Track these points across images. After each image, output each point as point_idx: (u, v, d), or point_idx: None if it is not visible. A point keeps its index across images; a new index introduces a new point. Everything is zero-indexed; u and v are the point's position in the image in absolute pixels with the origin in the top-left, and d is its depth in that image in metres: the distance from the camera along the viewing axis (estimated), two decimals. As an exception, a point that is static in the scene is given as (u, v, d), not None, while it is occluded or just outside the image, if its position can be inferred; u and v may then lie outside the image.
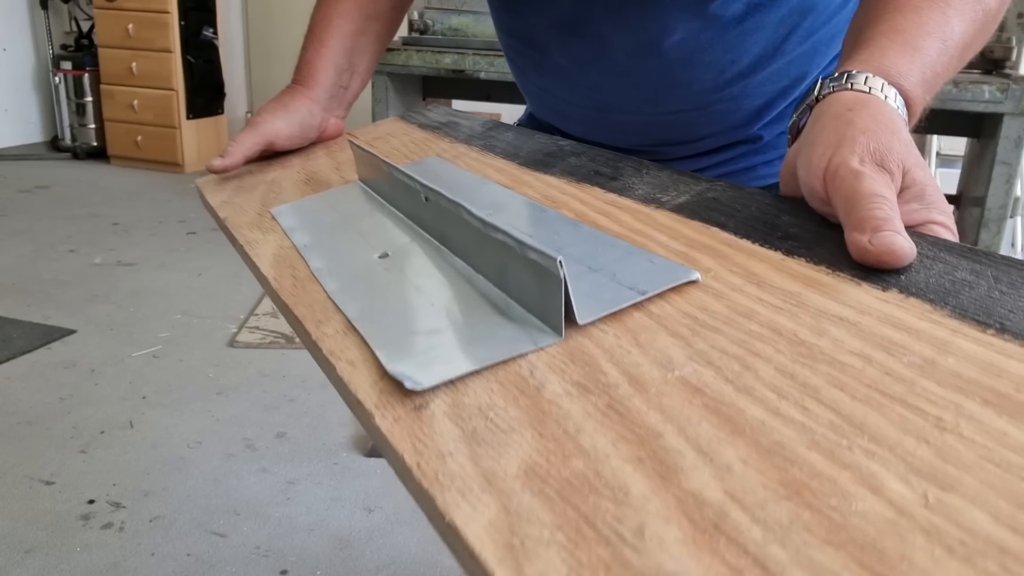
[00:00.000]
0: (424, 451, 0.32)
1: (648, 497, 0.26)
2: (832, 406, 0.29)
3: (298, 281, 0.51)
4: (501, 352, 0.36)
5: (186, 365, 2.14)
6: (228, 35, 4.77)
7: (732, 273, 0.42)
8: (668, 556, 0.24)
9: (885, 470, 0.26)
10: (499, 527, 0.26)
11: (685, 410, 0.30)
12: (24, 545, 1.40)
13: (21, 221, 3.44)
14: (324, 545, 1.44)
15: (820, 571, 0.22)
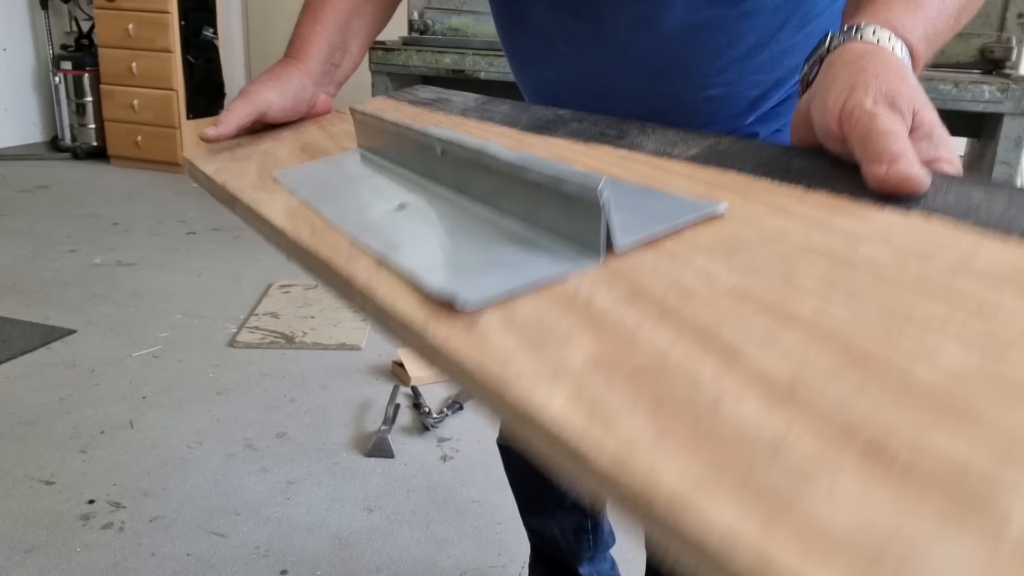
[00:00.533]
0: (484, 357, 0.31)
1: (717, 378, 0.27)
2: (877, 303, 0.31)
3: (316, 230, 0.50)
4: (543, 273, 0.37)
5: (186, 365, 2.14)
6: (228, 35, 4.77)
7: (757, 205, 0.44)
8: (749, 422, 0.25)
9: (940, 344, 0.28)
10: (577, 404, 0.27)
11: (737, 311, 0.32)
12: (24, 545, 1.40)
13: (21, 221, 3.44)
14: (324, 545, 1.44)
15: (896, 425, 0.24)
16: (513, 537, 1.48)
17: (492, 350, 0.32)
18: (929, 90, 2.36)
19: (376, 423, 1.86)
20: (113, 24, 4.42)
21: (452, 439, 1.83)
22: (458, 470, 1.70)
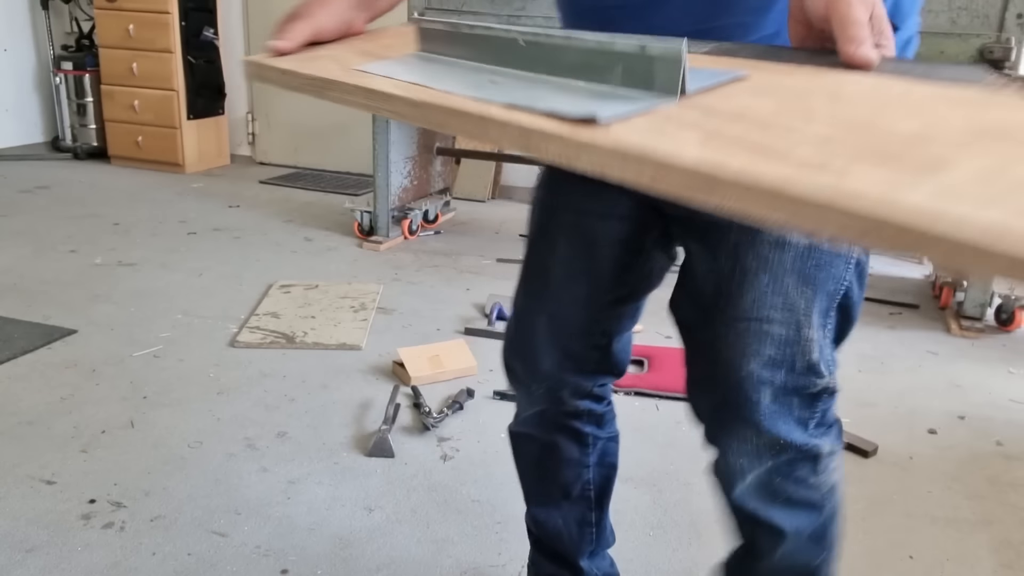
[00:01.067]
0: (624, 144, 0.48)
1: (797, 136, 0.48)
2: (860, 109, 0.54)
3: (434, 95, 0.61)
4: (643, 105, 0.53)
5: (187, 365, 2.14)
6: (229, 35, 4.78)
7: (764, 74, 0.63)
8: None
9: (896, 116, 0.52)
10: (711, 149, 0.46)
11: (779, 116, 0.52)
12: (25, 544, 1.41)
13: (22, 221, 3.44)
14: (324, 545, 1.44)
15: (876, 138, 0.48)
16: (513, 537, 1.48)
17: (627, 141, 0.47)
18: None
19: (376, 423, 1.87)
20: (114, 24, 4.42)
21: (452, 439, 1.83)
22: (458, 470, 1.70)
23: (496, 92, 0.60)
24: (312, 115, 4.79)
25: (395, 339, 2.36)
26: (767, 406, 0.87)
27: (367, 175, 4.58)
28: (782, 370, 0.86)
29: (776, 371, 0.86)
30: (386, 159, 3.25)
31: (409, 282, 2.90)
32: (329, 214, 3.82)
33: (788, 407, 0.88)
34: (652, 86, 0.56)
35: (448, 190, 3.95)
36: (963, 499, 1.67)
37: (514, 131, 0.54)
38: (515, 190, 4.42)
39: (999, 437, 1.95)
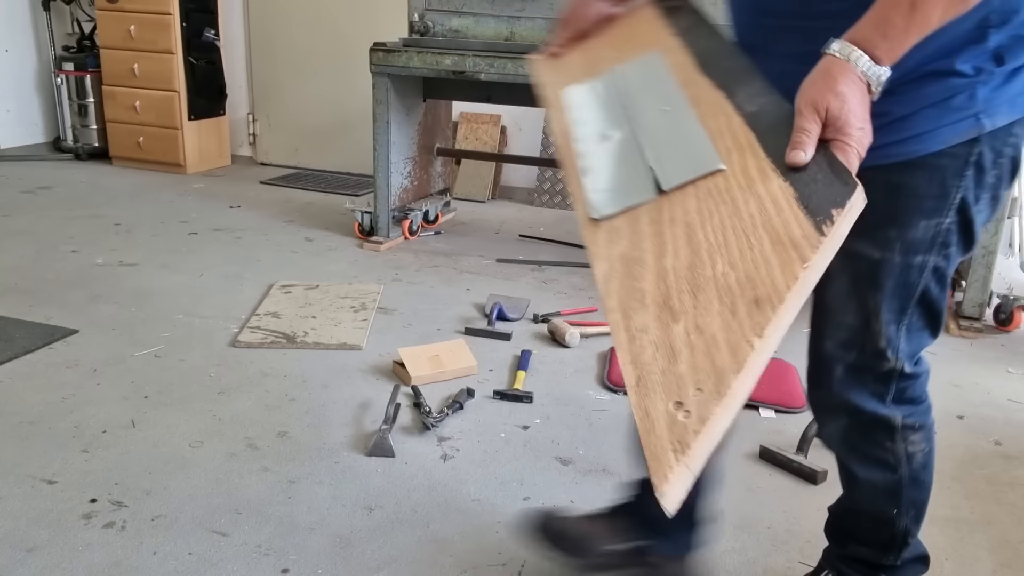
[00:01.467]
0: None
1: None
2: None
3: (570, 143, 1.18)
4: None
5: (188, 365, 2.15)
6: (230, 36, 4.78)
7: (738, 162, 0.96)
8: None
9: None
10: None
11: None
12: (26, 544, 1.41)
13: (23, 222, 3.45)
14: (325, 544, 1.45)
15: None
16: (513, 536, 1.49)
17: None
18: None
19: (377, 423, 1.87)
20: (115, 25, 4.43)
21: (452, 438, 1.83)
22: (458, 469, 1.71)
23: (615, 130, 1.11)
24: (313, 116, 4.79)
25: (395, 339, 2.37)
26: (839, 377, 1.11)
27: (367, 175, 4.59)
28: (854, 351, 1.09)
29: (848, 351, 1.09)
30: (386, 160, 3.26)
31: (409, 282, 2.91)
32: (330, 214, 3.83)
33: (861, 381, 1.10)
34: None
35: (448, 190, 3.95)
36: (962, 499, 1.68)
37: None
38: (515, 191, 4.42)
39: (998, 437, 1.95)
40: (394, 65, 3.09)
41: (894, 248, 1.02)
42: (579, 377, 2.19)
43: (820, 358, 1.14)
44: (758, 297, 0.83)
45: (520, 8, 3.31)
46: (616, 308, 0.92)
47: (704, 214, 0.93)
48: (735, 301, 0.85)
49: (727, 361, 0.80)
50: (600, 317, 2.64)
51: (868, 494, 1.19)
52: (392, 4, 4.35)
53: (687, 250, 0.92)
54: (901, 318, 1.06)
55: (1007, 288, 2.72)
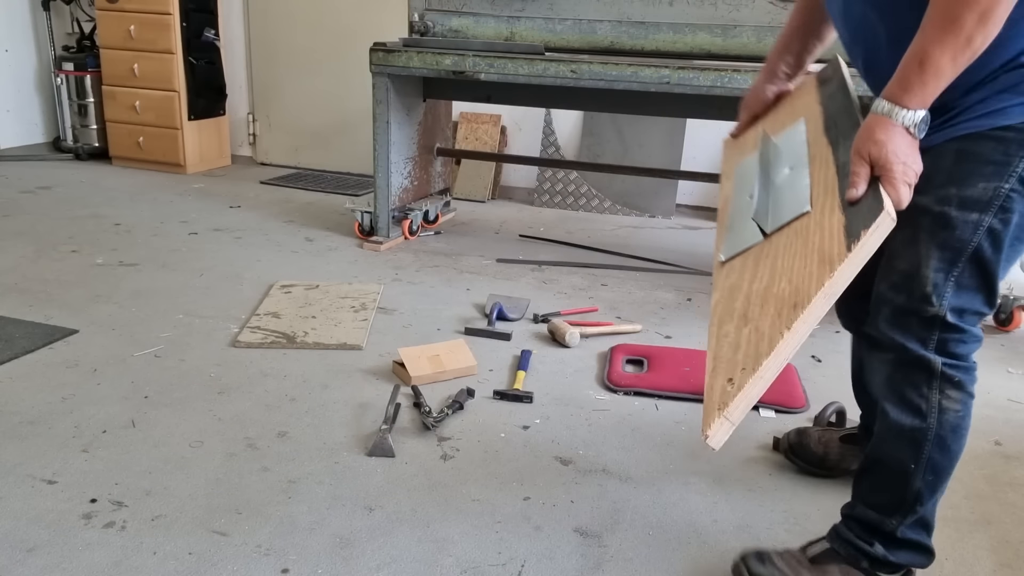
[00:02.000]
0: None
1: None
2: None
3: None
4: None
5: (188, 365, 2.15)
6: (230, 36, 4.78)
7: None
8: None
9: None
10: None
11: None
12: (26, 544, 1.41)
13: (23, 222, 3.45)
14: (325, 544, 1.45)
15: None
16: (513, 536, 1.49)
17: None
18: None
19: (377, 423, 1.87)
20: (115, 25, 4.43)
21: (452, 438, 1.83)
22: (458, 469, 1.71)
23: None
24: (313, 116, 4.79)
25: (395, 339, 2.37)
26: (887, 316, 1.24)
27: (367, 175, 4.59)
28: (903, 294, 1.21)
29: (898, 294, 1.22)
30: (386, 160, 3.26)
31: (409, 282, 2.91)
32: (330, 214, 3.83)
33: (908, 324, 1.22)
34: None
35: (448, 190, 3.95)
36: (962, 498, 1.68)
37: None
38: (515, 190, 4.42)
39: (998, 437, 1.95)
40: (394, 65, 3.09)
41: (951, 203, 1.16)
42: (579, 377, 2.19)
43: (875, 299, 1.26)
44: (797, 302, 1.11)
45: (520, 8, 3.31)
46: (715, 322, 1.26)
47: (787, 246, 1.22)
48: (783, 306, 1.13)
49: (764, 347, 1.10)
50: (600, 317, 2.64)
51: (893, 438, 1.27)
52: (392, 4, 4.35)
53: (768, 274, 1.21)
54: (951, 269, 1.18)
55: (1007, 288, 2.71)
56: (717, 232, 1.50)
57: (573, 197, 4.23)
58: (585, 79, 2.87)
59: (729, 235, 1.42)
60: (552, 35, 3.29)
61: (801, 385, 2.14)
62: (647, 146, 4.11)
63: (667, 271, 3.18)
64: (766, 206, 1.34)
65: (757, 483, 1.71)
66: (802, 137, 1.39)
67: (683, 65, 2.77)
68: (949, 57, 1.05)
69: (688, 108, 3.13)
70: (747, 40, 3.08)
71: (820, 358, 2.35)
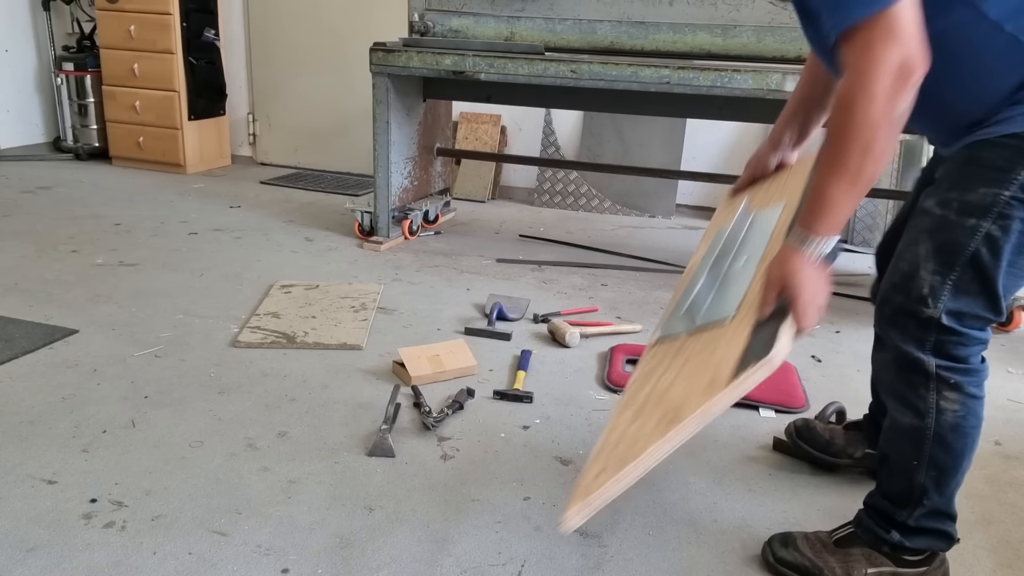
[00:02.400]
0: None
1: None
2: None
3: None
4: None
5: (188, 365, 2.15)
6: (230, 36, 4.78)
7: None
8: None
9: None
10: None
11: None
12: (26, 544, 1.41)
13: (23, 222, 3.45)
14: (325, 544, 1.45)
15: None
16: (513, 536, 1.49)
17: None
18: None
19: (377, 423, 1.87)
20: (115, 25, 4.43)
21: (452, 438, 1.83)
22: (458, 469, 1.71)
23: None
24: (312, 116, 4.79)
25: (395, 339, 2.37)
26: (888, 316, 1.26)
27: (367, 175, 4.59)
28: (901, 294, 1.23)
29: (897, 293, 1.24)
30: (386, 160, 3.26)
31: (409, 282, 2.91)
32: (330, 214, 3.83)
33: (905, 324, 1.24)
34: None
35: (448, 190, 3.95)
36: (962, 498, 1.68)
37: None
38: (515, 190, 4.42)
39: (998, 437, 1.95)
40: (394, 65, 3.09)
41: (952, 207, 1.19)
42: (579, 377, 2.19)
43: (879, 297, 1.30)
44: (675, 416, 1.16)
45: (520, 8, 3.31)
46: (623, 401, 1.33)
47: (697, 350, 1.29)
48: (666, 415, 1.18)
49: (635, 451, 1.16)
50: (600, 317, 2.64)
51: (896, 435, 1.31)
52: (392, 4, 4.35)
53: (675, 374, 1.27)
54: (948, 272, 1.19)
55: (1007, 288, 2.71)
56: (674, 294, 1.58)
57: (573, 197, 4.23)
58: (585, 79, 2.87)
59: (673, 312, 1.50)
60: (552, 35, 3.29)
61: (801, 385, 2.14)
62: (647, 146, 4.11)
63: (667, 271, 3.18)
64: (706, 297, 1.42)
65: (757, 483, 1.71)
66: (770, 226, 1.42)
67: (683, 65, 2.77)
68: (844, 189, 1.13)
69: (688, 108, 3.13)
70: (747, 40, 3.08)
71: (820, 358, 2.35)
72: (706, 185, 4.11)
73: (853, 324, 2.66)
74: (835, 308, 2.82)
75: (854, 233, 3.78)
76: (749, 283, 1.32)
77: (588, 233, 3.73)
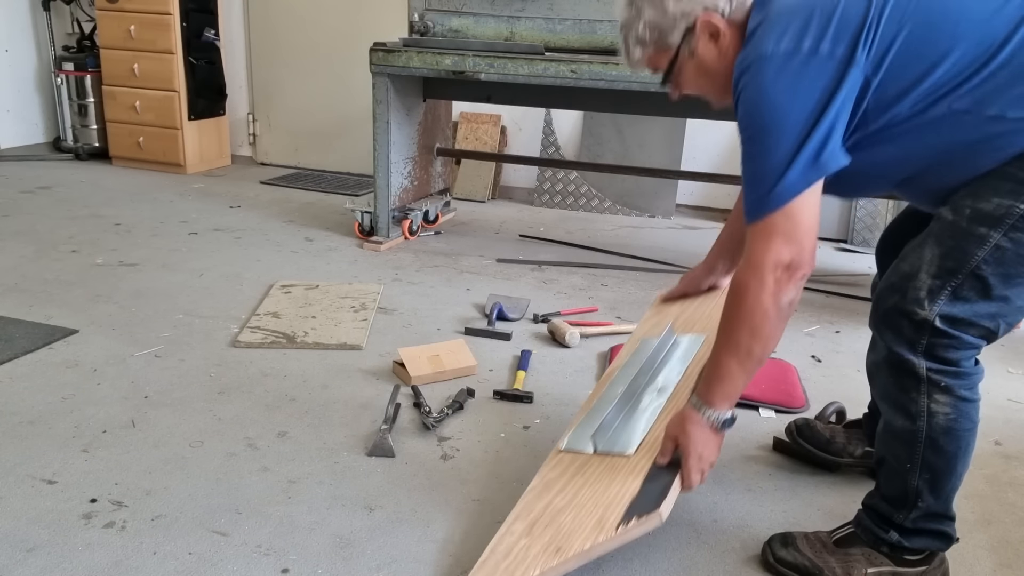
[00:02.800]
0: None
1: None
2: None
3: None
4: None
5: (188, 365, 2.15)
6: (230, 36, 4.78)
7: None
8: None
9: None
10: None
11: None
12: (26, 544, 1.41)
13: (23, 222, 3.45)
14: (325, 544, 1.45)
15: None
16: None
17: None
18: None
19: (377, 423, 1.87)
20: (115, 25, 4.43)
21: (452, 438, 1.83)
22: (458, 469, 1.71)
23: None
24: (312, 116, 4.80)
25: (395, 339, 2.37)
26: (882, 316, 1.26)
27: (367, 175, 4.59)
28: (896, 295, 1.23)
29: (893, 294, 1.24)
30: (386, 160, 3.26)
31: (409, 282, 2.91)
32: (330, 214, 3.83)
33: (899, 325, 1.23)
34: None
35: (448, 190, 3.95)
36: (962, 498, 1.68)
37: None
38: (515, 190, 4.42)
39: (997, 437, 1.95)
40: (394, 65, 3.09)
41: (964, 214, 1.18)
42: (579, 377, 2.19)
43: (875, 297, 1.30)
44: (561, 547, 1.25)
45: (520, 8, 3.31)
46: (516, 511, 1.39)
47: (596, 477, 1.37)
48: (553, 542, 1.27)
49: (518, 574, 1.24)
50: (600, 317, 2.64)
51: (889, 437, 1.32)
52: (392, 4, 4.35)
53: (572, 496, 1.35)
54: (949, 278, 1.19)
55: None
56: (583, 405, 1.64)
57: (573, 197, 4.23)
58: (585, 79, 2.87)
59: (582, 424, 1.55)
60: (552, 35, 3.29)
61: (801, 385, 2.14)
62: (647, 146, 4.11)
63: (667, 271, 3.18)
64: (613, 422, 1.50)
65: (757, 483, 1.71)
66: (691, 356, 1.56)
67: (683, 65, 2.77)
68: (736, 365, 1.25)
69: (688, 108, 3.12)
70: (747, 40, 3.08)
71: (820, 358, 2.35)
72: (706, 185, 4.11)
73: (853, 324, 2.66)
74: (835, 308, 2.82)
75: (854, 233, 3.78)
76: (655, 420, 1.45)
77: (588, 233, 3.73)
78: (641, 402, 1.52)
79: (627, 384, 1.58)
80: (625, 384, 1.58)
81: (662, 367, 1.57)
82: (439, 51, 3.03)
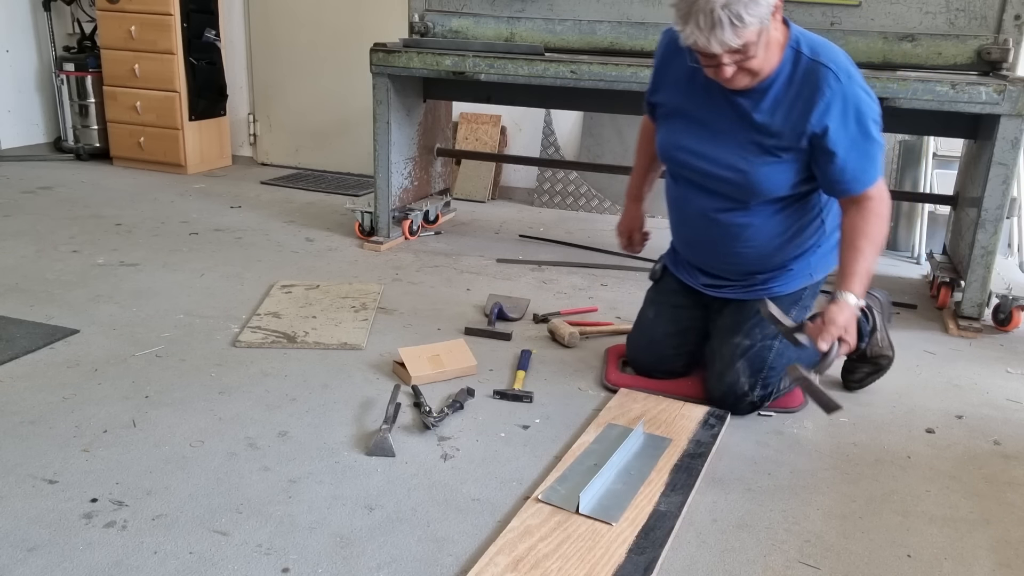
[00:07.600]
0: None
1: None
2: None
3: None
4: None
5: (188, 364, 2.15)
6: (230, 37, 4.79)
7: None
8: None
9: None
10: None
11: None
12: (27, 544, 1.41)
13: (24, 222, 3.46)
14: (325, 543, 1.45)
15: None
16: (513, 535, 1.49)
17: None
18: (926, 92, 2.39)
19: (377, 422, 1.88)
20: (115, 26, 4.43)
21: (452, 438, 1.84)
22: (458, 469, 1.71)
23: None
24: (313, 116, 4.80)
25: (396, 339, 2.37)
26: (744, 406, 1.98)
27: (368, 176, 4.59)
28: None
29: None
30: (387, 160, 3.26)
31: (410, 282, 2.91)
32: (330, 215, 3.83)
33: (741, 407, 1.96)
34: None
35: (448, 191, 3.95)
36: (961, 498, 1.68)
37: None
38: (515, 191, 4.42)
39: (997, 436, 1.96)
40: (394, 65, 3.09)
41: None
42: (579, 377, 2.19)
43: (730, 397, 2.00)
44: None
45: (520, 8, 3.31)
46: (498, 545, 1.42)
47: (579, 535, 1.45)
48: None
49: None
50: (600, 317, 2.64)
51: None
52: (392, 4, 4.35)
53: (553, 546, 1.42)
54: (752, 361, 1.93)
55: (1006, 288, 2.72)
56: (569, 454, 1.74)
57: (573, 197, 4.23)
58: (585, 79, 2.87)
59: (562, 479, 1.63)
60: (552, 36, 3.29)
61: (801, 385, 2.14)
62: (647, 146, 4.10)
63: (667, 271, 3.18)
64: (598, 488, 1.58)
65: (757, 483, 1.71)
66: (659, 454, 1.73)
67: (683, 65, 2.77)
68: (874, 260, 1.76)
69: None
70: (747, 40, 3.08)
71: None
72: (706, 185, 4.11)
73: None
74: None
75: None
76: (634, 496, 1.57)
77: (588, 233, 3.73)
78: (624, 477, 1.66)
79: (600, 458, 1.69)
80: (600, 459, 1.69)
81: (638, 457, 1.73)
82: (439, 52, 3.03)
